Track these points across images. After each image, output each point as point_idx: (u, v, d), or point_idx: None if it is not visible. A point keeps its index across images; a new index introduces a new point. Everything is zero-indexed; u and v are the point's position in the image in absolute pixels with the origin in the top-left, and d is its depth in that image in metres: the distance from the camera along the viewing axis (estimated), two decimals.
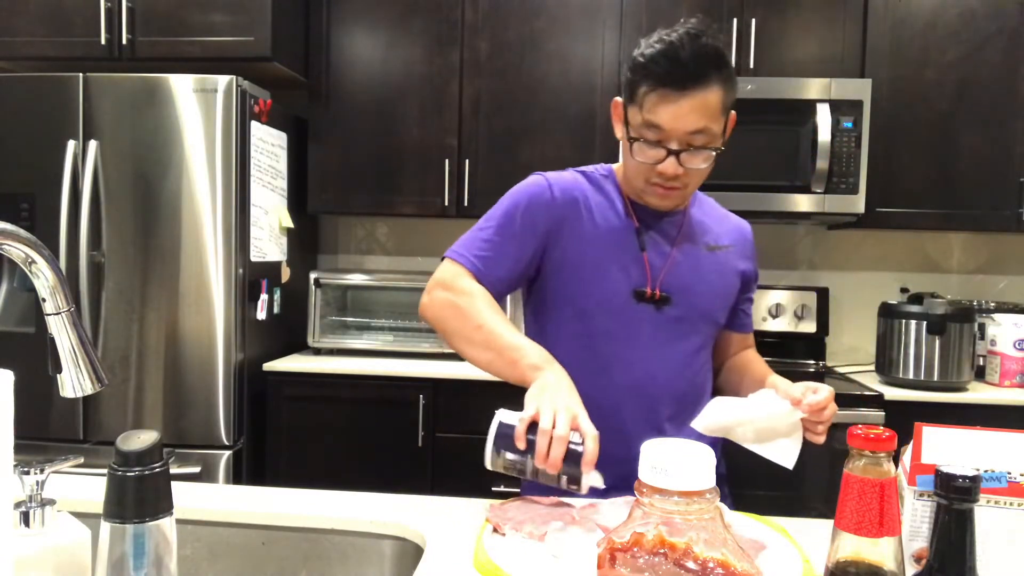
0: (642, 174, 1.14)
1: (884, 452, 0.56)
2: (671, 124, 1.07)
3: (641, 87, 1.09)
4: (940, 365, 2.28)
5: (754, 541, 0.89)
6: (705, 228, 1.25)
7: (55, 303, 0.71)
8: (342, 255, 3.07)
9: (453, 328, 1.14)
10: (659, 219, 1.21)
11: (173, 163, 2.28)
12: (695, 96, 1.06)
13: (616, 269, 1.18)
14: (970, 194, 2.49)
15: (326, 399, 2.43)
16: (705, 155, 1.11)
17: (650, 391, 1.18)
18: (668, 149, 1.09)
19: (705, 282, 1.22)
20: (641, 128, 1.11)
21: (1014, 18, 2.45)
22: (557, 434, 0.91)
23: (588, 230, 1.19)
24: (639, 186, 1.17)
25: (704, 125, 1.08)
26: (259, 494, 1.09)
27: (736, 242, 1.28)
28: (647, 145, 1.11)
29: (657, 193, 1.15)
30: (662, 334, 1.19)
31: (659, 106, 1.07)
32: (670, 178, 1.12)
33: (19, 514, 0.68)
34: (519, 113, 2.62)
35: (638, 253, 1.18)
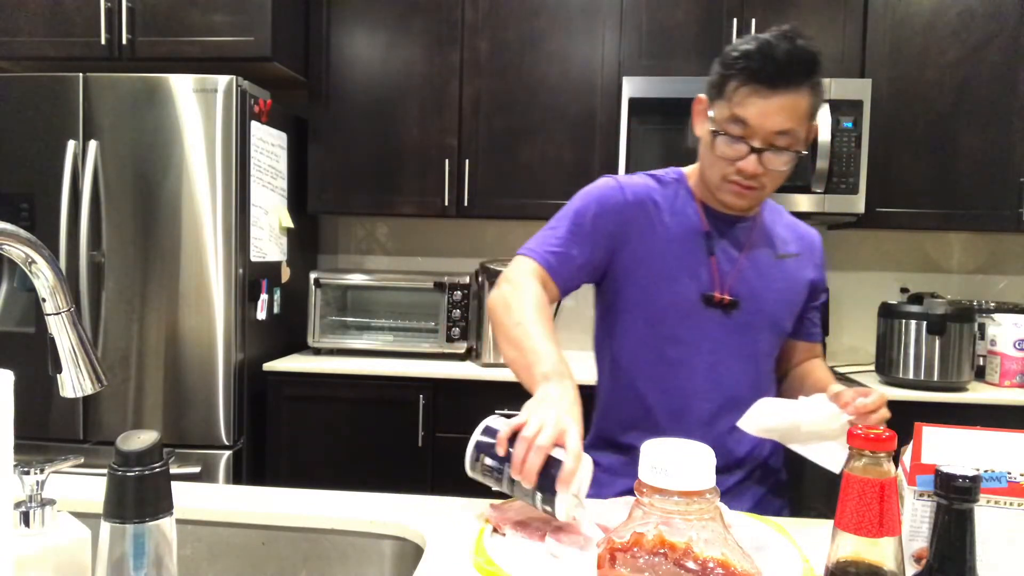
0: (720, 170, 1.14)
1: (884, 452, 0.56)
2: (758, 121, 1.07)
3: (732, 81, 1.09)
4: (940, 365, 2.28)
5: (754, 541, 0.89)
6: (775, 235, 1.25)
7: (55, 303, 0.71)
8: (342, 255, 3.07)
9: (499, 320, 1.14)
10: (730, 224, 1.21)
11: (173, 163, 2.29)
12: (785, 96, 1.06)
13: (685, 273, 1.18)
14: (970, 194, 2.49)
15: (326, 399, 2.43)
16: (787, 157, 1.10)
17: (714, 396, 1.19)
18: (751, 146, 1.09)
19: (773, 289, 1.22)
20: (726, 122, 1.10)
21: (1014, 18, 2.45)
22: (538, 443, 0.85)
23: (658, 234, 1.19)
24: (715, 183, 1.16)
25: (790, 127, 1.08)
26: (259, 494, 1.09)
27: (805, 250, 1.28)
28: (730, 140, 1.10)
29: (733, 191, 1.14)
30: (729, 339, 1.19)
31: (748, 101, 1.07)
32: (749, 176, 1.11)
33: (19, 514, 0.68)
34: (519, 113, 2.62)
35: (707, 258, 1.19)
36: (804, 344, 1.34)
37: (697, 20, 2.53)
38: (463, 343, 2.57)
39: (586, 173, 2.61)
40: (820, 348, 1.37)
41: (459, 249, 3.00)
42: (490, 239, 2.99)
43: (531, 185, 2.63)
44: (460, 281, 2.57)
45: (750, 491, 1.23)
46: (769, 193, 1.17)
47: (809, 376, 1.29)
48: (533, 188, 2.63)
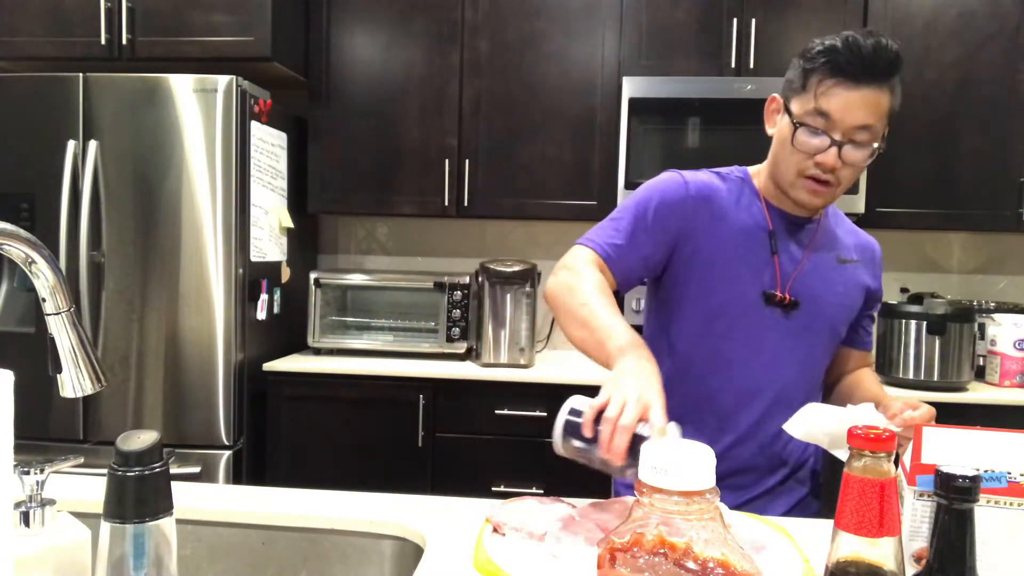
0: (797, 165, 1.13)
1: (884, 452, 0.56)
2: (841, 113, 1.07)
3: (815, 75, 1.09)
4: (940, 365, 2.28)
5: (754, 541, 0.89)
6: (836, 240, 1.25)
7: (55, 303, 0.71)
8: (342, 255, 3.07)
9: (562, 303, 1.12)
10: (794, 225, 1.21)
11: (173, 163, 2.28)
12: (869, 91, 1.08)
13: (747, 271, 1.18)
14: (970, 194, 2.49)
15: (326, 399, 2.43)
16: (866, 152, 1.10)
17: (767, 395, 1.18)
18: (832, 139, 1.09)
19: (833, 292, 1.21)
20: (808, 115, 1.10)
21: (1014, 18, 2.45)
22: (622, 423, 0.86)
23: (721, 230, 1.18)
24: (790, 179, 1.15)
25: (871, 122, 1.09)
26: (259, 494, 1.09)
27: (864, 258, 1.28)
28: (810, 133, 1.10)
29: (808, 187, 1.13)
30: (787, 340, 1.19)
31: (832, 93, 1.08)
32: (827, 170, 1.10)
33: (19, 514, 0.68)
34: (519, 113, 2.62)
35: (770, 256, 1.18)
36: (856, 352, 1.34)
37: (697, 20, 2.53)
38: (463, 343, 2.57)
39: (586, 173, 2.61)
40: (871, 357, 1.37)
41: (459, 249, 3.00)
42: (490, 239, 2.99)
43: (531, 185, 2.63)
44: (460, 281, 2.57)
45: (793, 492, 1.24)
46: (842, 192, 1.16)
47: (859, 386, 1.29)
48: (533, 188, 2.63)
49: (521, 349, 2.49)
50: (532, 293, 2.53)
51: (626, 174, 2.46)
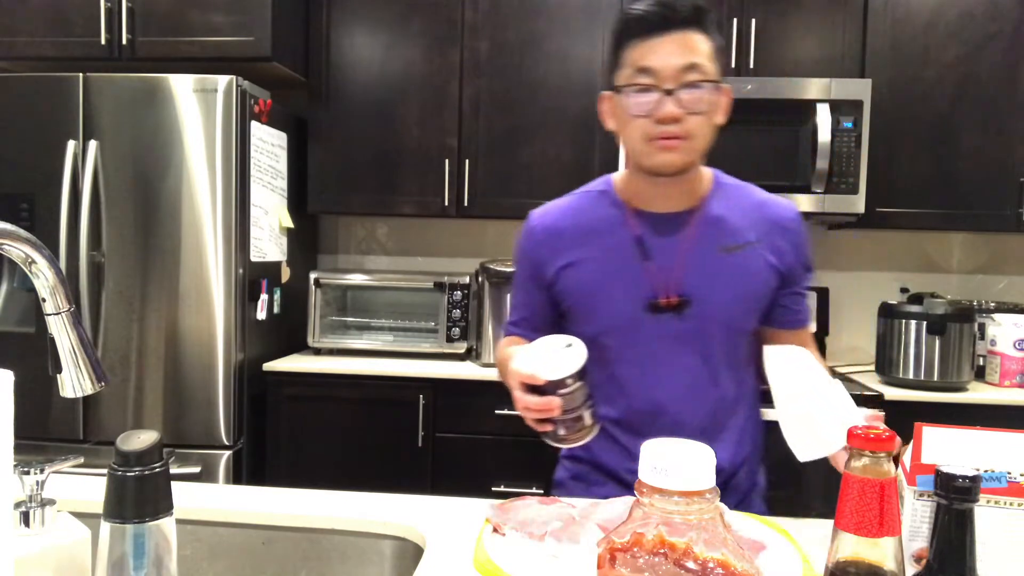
0: (642, 130, 1.08)
1: (884, 452, 0.56)
2: (660, 62, 1.05)
3: (627, 44, 1.09)
4: (940, 365, 2.28)
5: (754, 541, 0.89)
6: (722, 227, 1.15)
7: (55, 303, 0.71)
8: (342, 255, 3.07)
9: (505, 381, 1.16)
10: (664, 222, 1.15)
11: (173, 163, 2.28)
12: (678, 35, 1.05)
13: (620, 286, 1.13)
14: (970, 194, 2.49)
15: (326, 399, 2.43)
16: (702, 92, 1.05)
17: (671, 413, 1.14)
18: (663, 89, 1.05)
19: (721, 287, 1.13)
20: (631, 78, 1.08)
21: (1014, 18, 2.45)
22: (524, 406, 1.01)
23: (583, 256, 1.17)
24: (641, 148, 1.09)
25: (694, 60, 1.05)
26: (259, 494, 1.09)
27: (766, 235, 1.16)
28: (639, 92, 1.07)
29: (660, 146, 1.07)
30: (680, 349, 1.13)
31: (644, 50, 1.06)
32: (670, 122, 1.05)
33: (19, 514, 0.69)
34: (519, 113, 2.62)
35: (642, 263, 1.13)
36: (785, 332, 1.20)
37: None
38: (463, 343, 2.57)
39: (586, 173, 2.60)
40: (809, 336, 1.24)
41: (459, 249, 3.00)
42: (490, 239, 2.99)
43: (531, 185, 2.63)
44: (460, 281, 2.57)
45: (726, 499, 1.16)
46: (700, 144, 1.09)
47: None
48: (533, 188, 2.63)
49: None
50: None
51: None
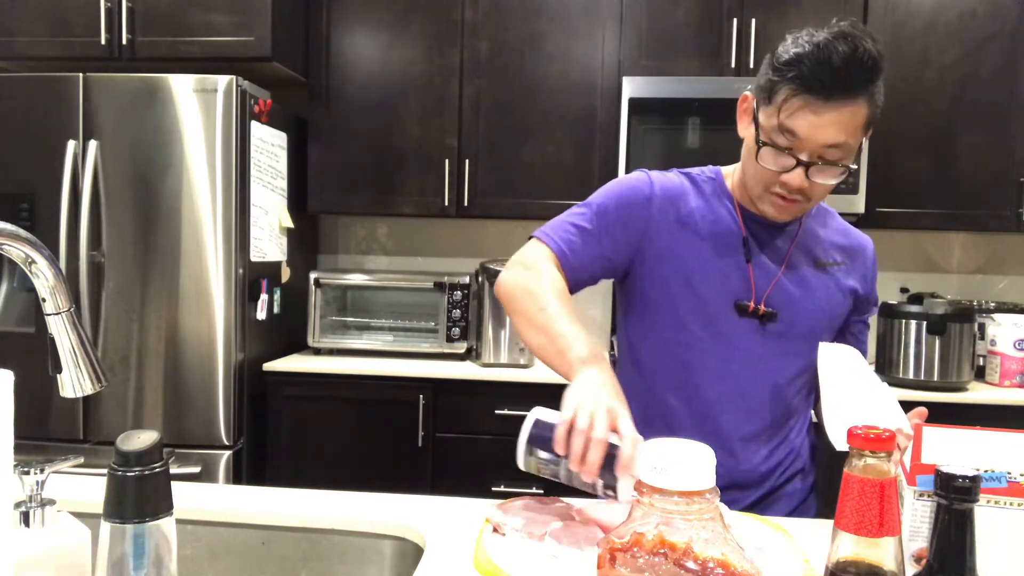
0: (763, 181, 1.06)
1: (884, 452, 0.56)
2: (808, 133, 0.98)
3: (782, 88, 0.99)
4: (940, 365, 2.28)
5: (754, 541, 0.89)
6: (818, 241, 1.17)
7: (55, 303, 0.71)
8: (342, 255, 3.07)
9: (519, 307, 1.08)
10: (771, 229, 1.14)
11: (173, 163, 2.28)
12: (841, 108, 0.97)
13: (717, 277, 1.11)
14: (970, 194, 2.49)
15: (326, 399, 2.43)
16: (836, 172, 1.02)
17: (739, 408, 1.12)
18: (798, 159, 1.00)
19: (811, 300, 1.13)
20: (773, 132, 1.01)
21: (1014, 18, 2.45)
22: (595, 436, 0.83)
23: (688, 233, 1.12)
24: (757, 192, 1.08)
25: (843, 140, 0.99)
26: (259, 494, 1.09)
27: (849, 259, 1.18)
28: (776, 152, 1.02)
29: (775, 204, 1.07)
30: (760, 350, 1.12)
31: (799, 112, 0.98)
32: (793, 190, 1.03)
33: (19, 514, 0.68)
34: (519, 113, 2.62)
35: (743, 263, 1.12)
36: None
37: (697, 20, 2.53)
38: (463, 343, 2.57)
39: (586, 173, 2.61)
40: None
41: (459, 249, 3.00)
42: (490, 239, 2.99)
43: (531, 185, 2.63)
44: (460, 281, 2.57)
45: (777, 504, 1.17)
46: (813, 206, 1.11)
47: None
48: (533, 188, 2.63)
49: (521, 349, 2.49)
50: None
51: (626, 174, 2.46)
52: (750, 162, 1.07)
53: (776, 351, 1.12)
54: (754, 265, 1.12)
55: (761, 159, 1.03)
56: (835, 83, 0.96)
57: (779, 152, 1.01)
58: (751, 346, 1.12)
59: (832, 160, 1.00)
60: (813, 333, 1.15)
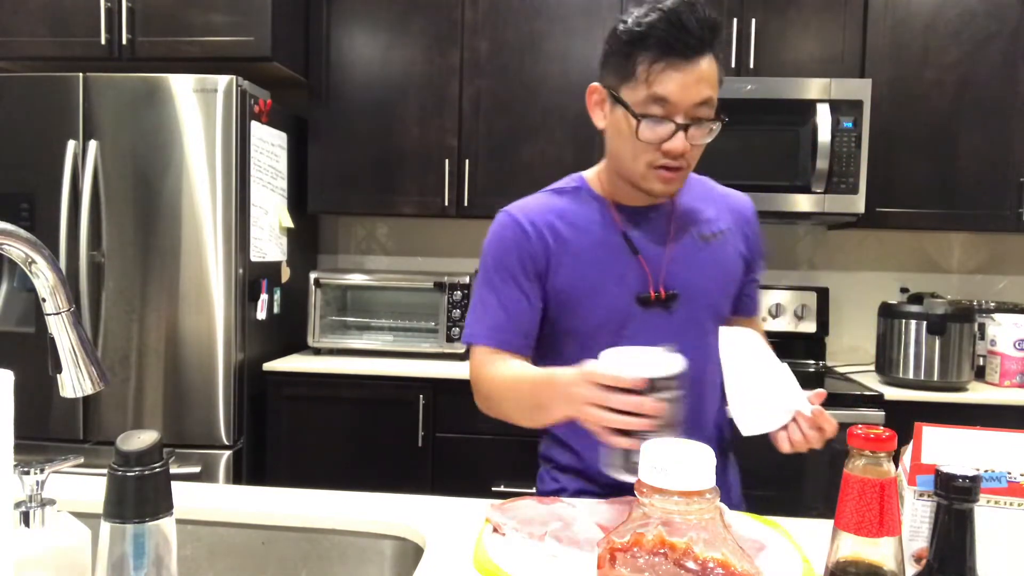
0: (644, 157, 1.06)
1: (884, 452, 0.56)
2: (679, 96, 1.01)
3: (642, 59, 1.02)
4: (940, 365, 2.28)
5: (754, 541, 0.89)
6: (696, 216, 1.18)
7: (55, 303, 0.71)
8: (342, 255, 3.07)
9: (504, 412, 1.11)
10: (645, 216, 1.15)
11: (173, 163, 2.28)
12: (700, 64, 1.01)
13: (612, 282, 1.12)
14: (970, 194, 2.49)
15: (326, 399, 2.43)
16: (709, 128, 1.05)
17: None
18: (676, 123, 1.02)
19: (705, 275, 1.15)
20: (645, 104, 1.02)
21: (1014, 18, 2.45)
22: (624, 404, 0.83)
23: (573, 251, 1.13)
24: (640, 171, 1.07)
25: (709, 95, 1.03)
26: (259, 494, 1.09)
27: (734, 223, 1.20)
28: (653, 122, 1.02)
29: (661, 177, 1.07)
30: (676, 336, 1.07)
31: (665, 76, 1.00)
32: (677, 156, 1.04)
33: (19, 514, 0.68)
34: (519, 113, 2.62)
35: (632, 257, 1.13)
36: (744, 320, 1.23)
37: None
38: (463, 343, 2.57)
39: None
40: (759, 322, 1.30)
41: (459, 249, 3.00)
42: None
43: (531, 185, 2.59)
44: (460, 281, 2.57)
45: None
46: (690, 171, 1.11)
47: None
48: (533, 188, 2.59)
49: None
50: None
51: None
52: (625, 145, 1.07)
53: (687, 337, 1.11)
54: (642, 255, 1.13)
55: (642, 134, 1.04)
56: (691, 41, 1.00)
57: (656, 122, 1.03)
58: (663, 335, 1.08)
59: (704, 117, 1.04)
60: (715, 307, 1.17)
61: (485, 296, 1.16)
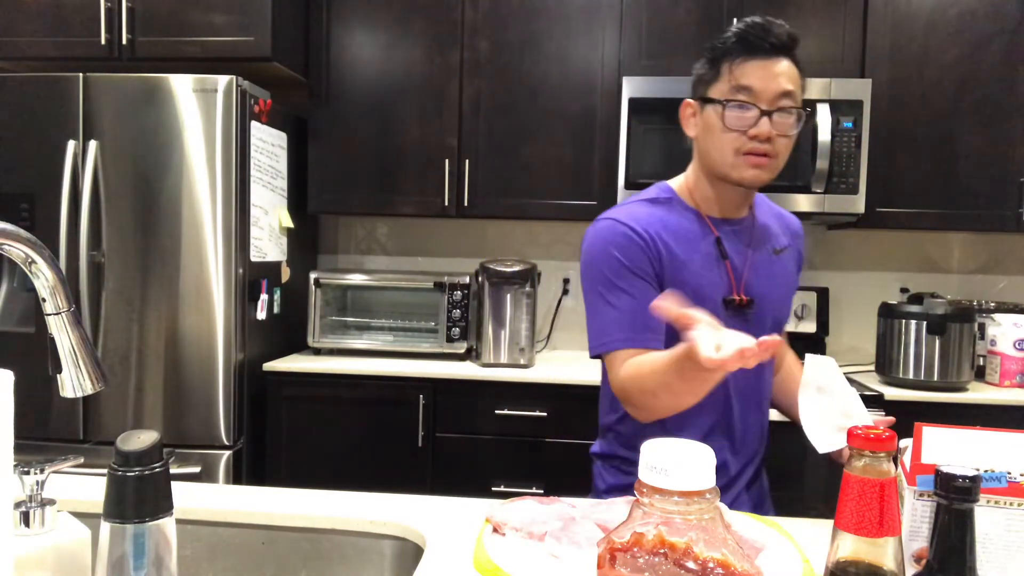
0: (733, 145, 1.14)
1: (884, 452, 0.56)
2: (762, 85, 1.11)
3: (727, 59, 1.13)
4: (940, 365, 2.28)
5: (754, 541, 0.89)
6: (769, 231, 1.28)
7: (55, 303, 0.71)
8: (342, 255, 3.07)
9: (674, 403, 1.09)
10: (732, 227, 1.23)
11: (173, 163, 2.28)
12: (782, 61, 1.13)
13: (707, 284, 1.18)
14: (970, 194, 2.49)
15: (326, 399, 2.43)
16: (794, 118, 1.14)
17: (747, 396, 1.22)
18: (760, 109, 1.12)
19: (776, 287, 1.25)
20: (732, 94, 1.13)
21: (1014, 18, 2.45)
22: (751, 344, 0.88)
23: (679, 260, 1.18)
24: (730, 161, 1.15)
25: (791, 88, 1.13)
26: (259, 494, 1.09)
27: (791, 240, 1.32)
28: (739, 108, 1.12)
29: (750, 163, 1.14)
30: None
31: (749, 68, 1.12)
32: (763, 141, 1.13)
33: (19, 514, 0.69)
34: (519, 113, 2.62)
35: (721, 263, 1.20)
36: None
37: (697, 20, 2.53)
38: (463, 343, 2.57)
39: (586, 173, 2.61)
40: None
41: (459, 249, 3.00)
42: (490, 239, 2.99)
43: (531, 185, 2.63)
44: (460, 281, 2.57)
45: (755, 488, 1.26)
46: (782, 164, 1.18)
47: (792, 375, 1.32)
48: (533, 188, 2.63)
49: (521, 349, 2.49)
50: (532, 293, 2.53)
51: (626, 174, 2.46)
52: (715, 138, 1.16)
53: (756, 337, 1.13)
54: (730, 260, 1.21)
55: (728, 121, 1.13)
56: (772, 40, 1.12)
57: (742, 108, 1.13)
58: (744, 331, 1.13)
59: (787, 107, 1.13)
60: (780, 315, 1.28)
61: (612, 301, 1.16)
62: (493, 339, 2.50)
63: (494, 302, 2.51)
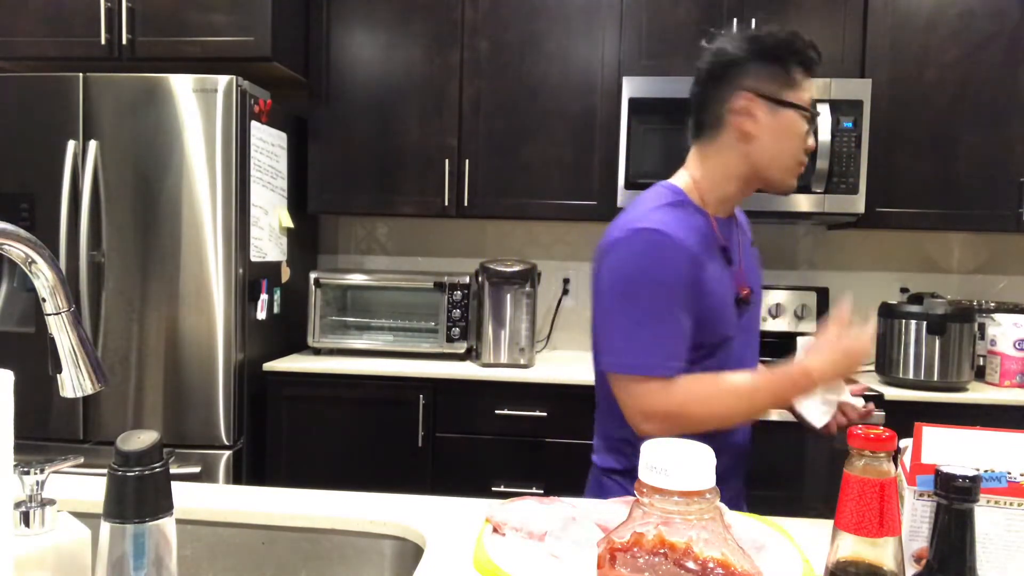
0: (799, 154, 1.19)
1: (884, 452, 0.56)
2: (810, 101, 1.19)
3: (796, 69, 1.16)
4: (940, 365, 2.28)
5: (754, 541, 0.89)
6: (743, 226, 1.33)
7: (55, 303, 0.71)
8: (342, 255, 3.07)
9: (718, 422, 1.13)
10: (728, 227, 1.25)
11: (173, 163, 2.28)
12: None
13: (725, 285, 1.20)
14: (970, 194, 2.49)
15: (326, 399, 2.43)
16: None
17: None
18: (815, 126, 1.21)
19: (758, 277, 1.32)
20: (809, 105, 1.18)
21: (1014, 18, 2.45)
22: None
23: (704, 262, 1.15)
24: (793, 167, 1.20)
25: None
26: (259, 494, 1.09)
27: (750, 232, 1.37)
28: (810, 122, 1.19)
29: (798, 173, 1.22)
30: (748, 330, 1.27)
31: (809, 84, 1.18)
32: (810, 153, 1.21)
33: (19, 514, 0.69)
34: (519, 113, 2.62)
35: (727, 265, 1.22)
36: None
37: (697, 20, 2.53)
38: (463, 343, 2.57)
39: (586, 173, 2.61)
40: None
41: (459, 249, 3.00)
42: (490, 239, 2.99)
43: (531, 185, 2.63)
44: (460, 281, 2.57)
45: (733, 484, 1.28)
46: None
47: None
48: (533, 188, 2.63)
49: (521, 349, 2.49)
50: (532, 293, 2.53)
51: (626, 174, 2.46)
52: (784, 144, 1.17)
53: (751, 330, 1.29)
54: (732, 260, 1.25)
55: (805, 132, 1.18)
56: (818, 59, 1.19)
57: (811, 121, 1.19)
58: (744, 334, 1.25)
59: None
60: (759, 304, 1.33)
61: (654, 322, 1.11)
62: (493, 339, 2.50)
63: (494, 302, 2.51)
